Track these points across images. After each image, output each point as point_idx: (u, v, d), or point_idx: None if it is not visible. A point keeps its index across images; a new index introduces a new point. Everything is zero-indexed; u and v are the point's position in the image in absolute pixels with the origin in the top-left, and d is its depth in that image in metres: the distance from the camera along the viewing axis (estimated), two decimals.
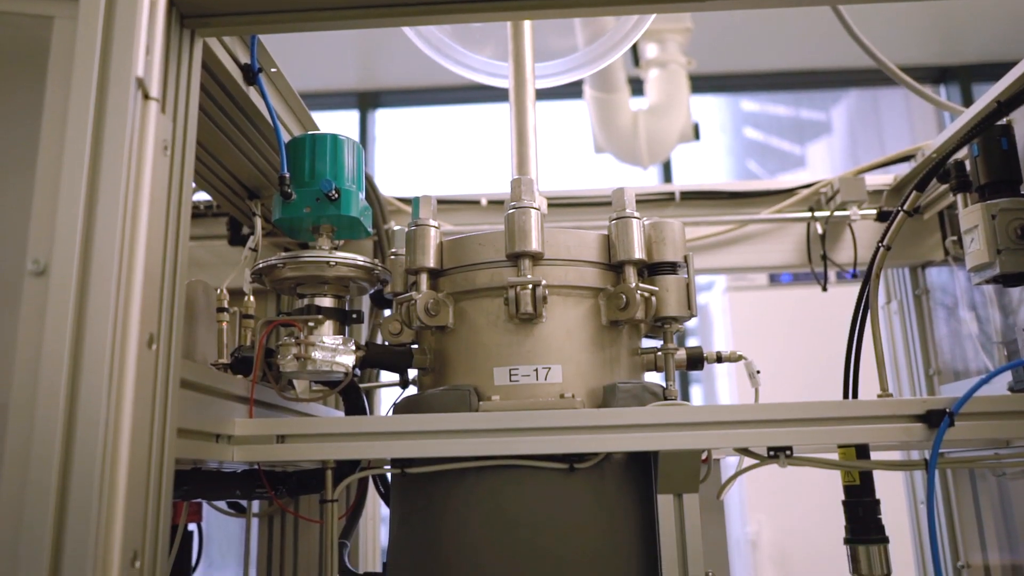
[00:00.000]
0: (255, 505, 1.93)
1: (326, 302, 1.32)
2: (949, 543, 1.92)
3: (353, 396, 1.40)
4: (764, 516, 3.32)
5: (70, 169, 0.80)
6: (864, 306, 1.36)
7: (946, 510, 1.94)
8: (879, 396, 1.31)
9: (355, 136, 1.36)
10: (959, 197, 1.48)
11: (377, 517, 2.07)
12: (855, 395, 1.36)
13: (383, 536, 2.07)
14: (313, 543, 1.92)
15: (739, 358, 1.38)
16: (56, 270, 0.78)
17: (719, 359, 1.39)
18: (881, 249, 1.35)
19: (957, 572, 1.91)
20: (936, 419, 1.13)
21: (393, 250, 1.46)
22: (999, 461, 1.60)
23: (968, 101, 5.18)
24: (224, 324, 1.46)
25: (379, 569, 1.39)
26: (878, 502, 1.29)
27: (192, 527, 1.70)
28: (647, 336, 1.43)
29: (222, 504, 1.82)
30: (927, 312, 2.11)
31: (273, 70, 1.39)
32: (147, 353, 0.84)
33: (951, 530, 1.93)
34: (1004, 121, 1.42)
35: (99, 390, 0.76)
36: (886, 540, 1.27)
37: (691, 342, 1.40)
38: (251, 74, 1.28)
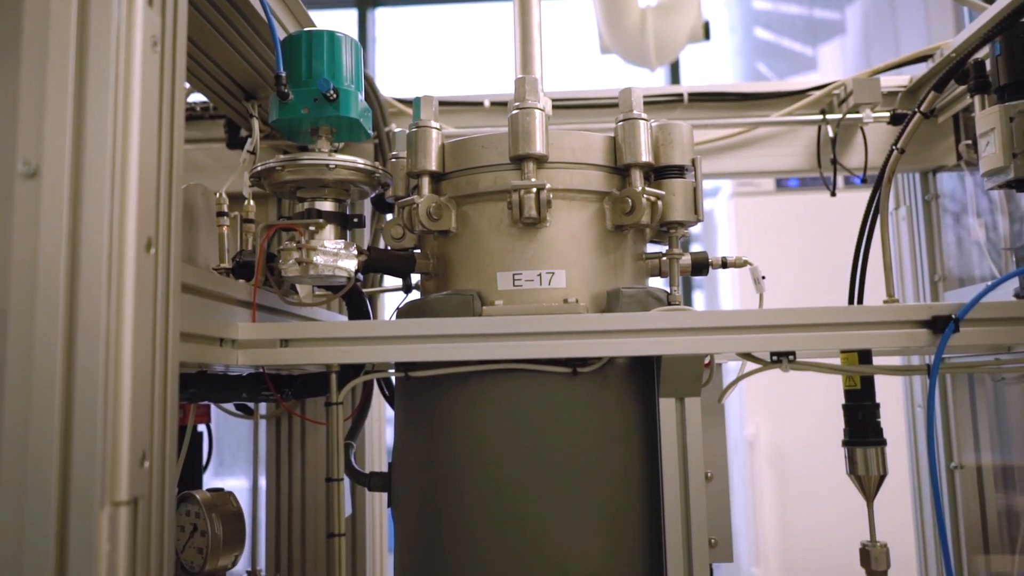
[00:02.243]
0: (262, 407, 1.96)
1: (327, 206, 1.30)
2: (944, 445, 1.96)
3: (356, 301, 1.40)
4: (762, 419, 3.38)
5: (55, 65, 0.77)
6: (874, 210, 1.34)
7: (943, 413, 1.97)
8: (885, 302, 1.31)
9: (354, 36, 1.31)
10: (976, 99, 1.43)
11: (382, 419, 2.11)
12: (860, 301, 1.35)
13: (389, 437, 2.11)
14: (320, 444, 1.96)
15: (744, 263, 1.37)
16: (47, 171, 0.76)
17: (724, 264, 1.38)
18: (895, 152, 1.32)
19: (950, 473, 1.95)
20: (941, 325, 1.12)
21: (394, 153, 1.43)
22: (999, 367, 1.61)
23: None
24: (225, 229, 1.44)
25: (385, 469, 1.42)
26: (878, 406, 1.31)
27: (201, 428, 1.73)
28: (652, 241, 1.42)
29: (230, 406, 1.85)
30: (936, 218, 2.09)
31: None
32: (145, 257, 0.82)
33: (946, 433, 1.97)
34: None
35: (98, 294, 0.75)
36: (884, 442, 1.29)
37: (694, 248, 1.38)
38: None
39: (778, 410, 3.37)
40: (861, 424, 1.30)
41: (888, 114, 1.95)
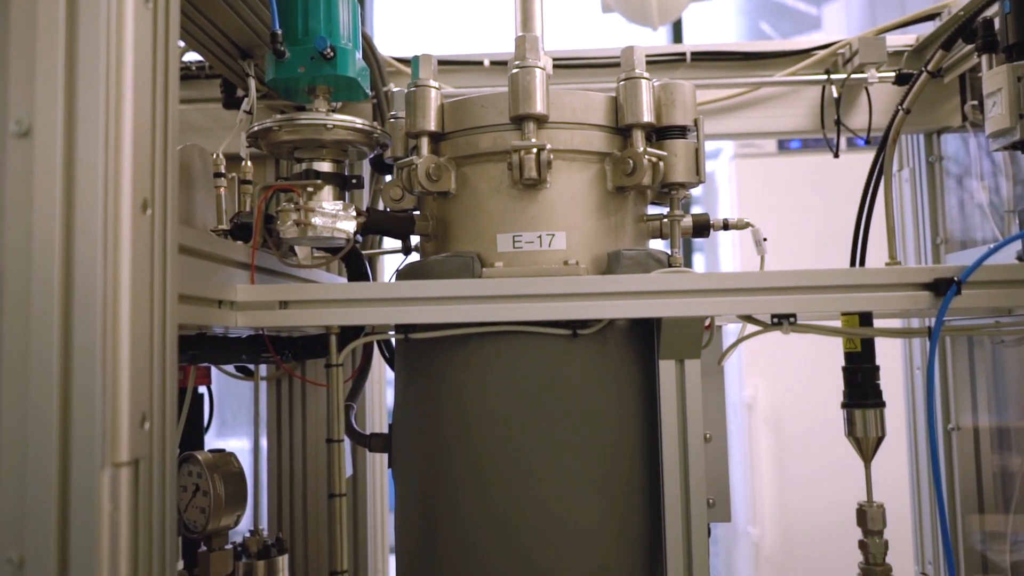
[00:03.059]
0: (262, 369, 1.97)
1: (325, 167, 1.29)
2: (941, 407, 1.97)
3: (355, 262, 1.40)
4: (760, 381, 3.40)
5: (45, 22, 0.75)
6: (878, 172, 1.33)
7: (941, 375, 1.98)
8: (887, 264, 1.30)
9: None
10: (984, 58, 1.41)
11: (383, 380, 2.12)
12: (862, 263, 1.35)
13: (389, 398, 2.12)
14: (321, 405, 1.96)
15: (746, 225, 1.37)
16: (40, 131, 0.75)
17: (725, 226, 1.37)
18: (900, 112, 1.30)
19: (947, 434, 1.96)
20: (943, 287, 1.12)
21: (393, 113, 1.41)
22: (999, 329, 1.61)
23: None
24: (222, 190, 1.43)
25: (385, 430, 1.43)
26: (877, 368, 1.31)
27: (202, 390, 1.74)
28: (653, 203, 1.40)
29: (230, 368, 1.85)
30: (939, 180, 2.07)
31: None
32: (142, 218, 0.81)
33: (944, 394, 1.97)
34: None
35: (94, 255, 0.75)
36: (883, 404, 1.30)
37: (695, 210, 1.37)
38: None
39: (776, 372, 3.39)
40: (861, 386, 1.30)
41: (893, 74, 1.92)
